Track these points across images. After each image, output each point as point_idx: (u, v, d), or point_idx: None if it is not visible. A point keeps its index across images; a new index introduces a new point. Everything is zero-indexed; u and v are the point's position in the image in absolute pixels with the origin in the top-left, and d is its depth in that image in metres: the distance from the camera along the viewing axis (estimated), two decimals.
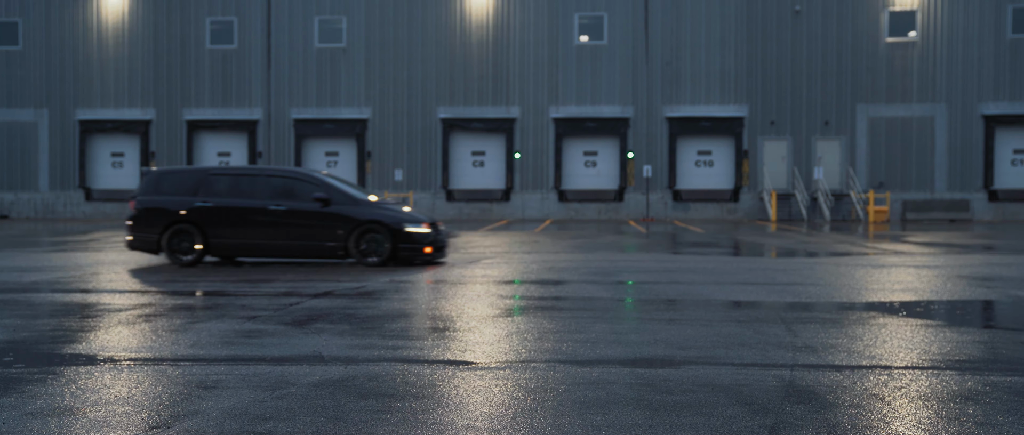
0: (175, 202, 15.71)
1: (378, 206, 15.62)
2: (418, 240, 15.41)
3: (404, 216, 15.53)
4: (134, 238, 15.80)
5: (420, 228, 15.50)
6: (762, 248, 20.52)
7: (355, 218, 15.36)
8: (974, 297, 11.00)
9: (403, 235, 15.34)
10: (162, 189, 15.89)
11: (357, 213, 15.40)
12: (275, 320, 9.03)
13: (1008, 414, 5.29)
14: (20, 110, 41.00)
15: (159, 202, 15.76)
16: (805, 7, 38.53)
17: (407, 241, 15.35)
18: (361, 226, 15.33)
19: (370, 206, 15.57)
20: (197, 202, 15.67)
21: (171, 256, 15.58)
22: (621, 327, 8.59)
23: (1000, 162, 38.46)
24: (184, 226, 15.58)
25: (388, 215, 15.44)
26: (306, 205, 15.49)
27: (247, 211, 15.56)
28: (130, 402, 5.59)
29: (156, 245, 15.66)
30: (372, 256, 15.30)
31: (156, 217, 15.67)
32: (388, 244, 15.26)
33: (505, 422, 5.10)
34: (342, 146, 40.17)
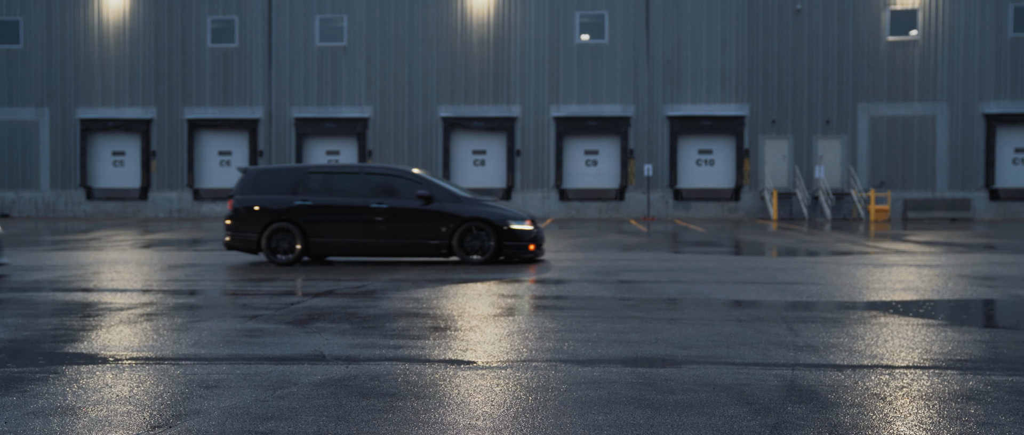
0: (274, 201, 15.49)
1: (480, 203, 15.52)
2: (522, 237, 15.33)
3: (508, 213, 15.43)
4: (232, 238, 15.61)
5: (523, 225, 15.41)
6: (763, 247, 20.52)
7: (459, 215, 15.24)
8: (975, 296, 10.99)
9: (508, 232, 15.26)
10: (260, 188, 15.66)
11: (461, 210, 15.28)
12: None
13: (1010, 414, 5.28)
14: (21, 109, 41.01)
15: (258, 201, 15.53)
16: (806, 6, 38.51)
17: (512, 238, 15.26)
18: (465, 223, 15.20)
19: (472, 203, 15.46)
20: (296, 201, 15.46)
21: (270, 256, 15.41)
22: (622, 326, 8.59)
23: (1001, 161, 38.45)
24: (284, 225, 15.35)
25: (492, 212, 15.32)
26: (409, 203, 15.33)
27: (348, 209, 15.36)
28: (132, 401, 5.59)
29: (255, 245, 15.46)
30: (476, 254, 15.20)
31: (255, 216, 15.48)
32: (492, 242, 15.18)
33: (507, 422, 5.10)
34: (343, 145, 40.16)
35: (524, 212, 15.93)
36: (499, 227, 15.24)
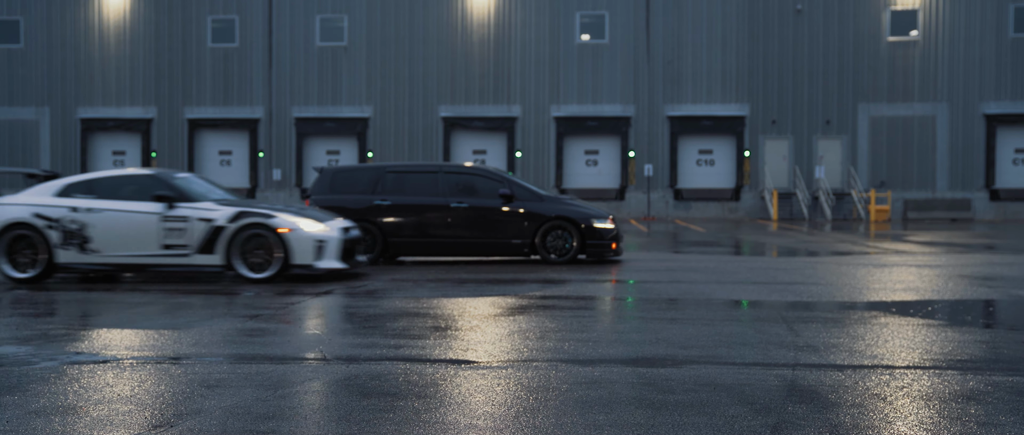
0: (352, 201, 15.40)
1: (561, 201, 15.44)
2: (605, 236, 15.24)
3: (591, 212, 15.36)
4: None
5: (606, 224, 15.32)
6: (763, 247, 20.53)
7: (542, 214, 15.15)
8: (976, 297, 11.00)
9: (591, 231, 15.17)
10: (337, 187, 15.57)
11: (543, 209, 15.20)
12: None
13: (1010, 414, 5.29)
14: (22, 108, 41.03)
15: (336, 201, 15.44)
16: (806, 6, 38.52)
17: (595, 237, 15.17)
18: (548, 222, 15.12)
19: (554, 202, 15.38)
20: (375, 200, 15.38)
21: None
22: (623, 326, 8.60)
23: (1002, 161, 38.46)
24: (364, 225, 15.21)
25: (575, 211, 15.24)
26: (489, 202, 15.23)
27: (428, 208, 15.26)
28: (132, 401, 5.60)
29: None
30: (556, 253, 15.13)
31: None
32: (575, 241, 15.10)
33: (507, 421, 5.11)
34: (343, 145, 40.17)
35: (604, 210, 15.87)
36: (582, 226, 15.14)
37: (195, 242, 12.49)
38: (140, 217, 12.64)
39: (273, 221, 12.45)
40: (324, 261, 12.62)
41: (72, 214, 12.67)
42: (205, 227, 12.48)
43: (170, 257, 12.57)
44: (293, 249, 12.39)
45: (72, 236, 12.64)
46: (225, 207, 12.65)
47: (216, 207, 12.66)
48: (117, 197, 12.84)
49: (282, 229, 12.41)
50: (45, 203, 12.79)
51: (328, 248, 12.65)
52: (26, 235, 12.70)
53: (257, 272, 12.41)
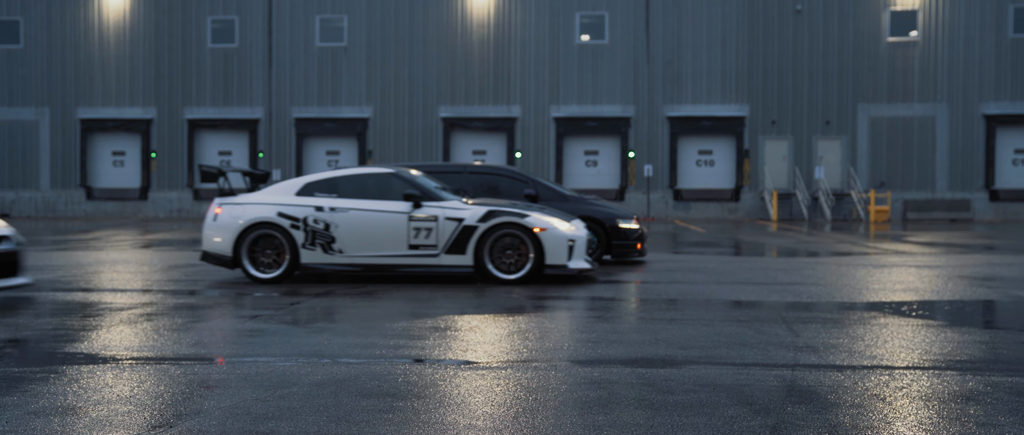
0: None
1: (586, 202, 15.40)
2: (630, 236, 15.24)
3: (616, 212, 15.35)
4: None
5: (631, 224, 15.31)
6: (763, 248, 20.52)
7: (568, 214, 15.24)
8: (975, 297, 11.00)
9: (617, 231, 15.16)
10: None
11: (568, 209, 15.18)
12: None
13: (1009, 414, 5.29)
14: (21, 109, 41.03)
15: None
16: (806, 7, 38.53)
17: (620, 237, 15.17)
18: None
19: (579, 202, 15.36)
20: None
21: None
22: (622, 326, 8.59)
23: (1001, 162, 38.46)
24: None
25: (600, 211, 15.23)
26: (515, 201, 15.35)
27: None
28: (132, 401, 5.60)
29: None
30: None
31: None
32: (601, 241, 15.10)
33: (507, 422, 5.11)
34: (343, 145, 40.18)
35: (628, 210, 15.84)
36: (609, 226, 15.12)
37: (443, 242, 12.25)
38: (387, 216, 12.39)
39: (527, 221, 12.20)
40: (574, 261, 12.42)
41: (317, 213, 12.44)
42: (454, 227, 12.24)
43: (417, 258, 12.33)
44: (548, 249, 12.17)
45: (317, 236, 12.41)
46: (474, 206, 12.42)
47: (463, 205, 12.42)
48: (360, 196, 12.61)
49: (537, 229, 12.18)
50: (288, 202, 12.56)
51: (577, 248, 12.47)
52: (270, 235, 12.50)
53: (508, 273, 12.22)
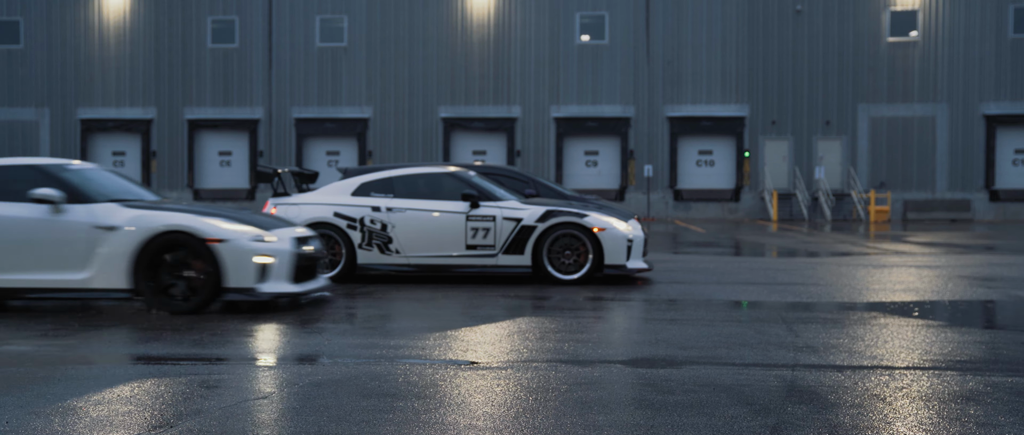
0: None
1: (587, 202, 15.43)
2: None
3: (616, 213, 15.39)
4: None
5: None
6: (763, 248, 20.53)
7: None
8: (975, 297, 11.00)
9: None
10: None
11: None
12: None
13: (1009, 414, 5.29)
14: (21, 109, 41.04)
15: None
16: (806, 7, 38.53)
17: None
18: None
19: (579, 203, 15.42)
20: None
21: None
22: (622, 326, 8.60)
23: (1001, 162, 38.46)
24: None
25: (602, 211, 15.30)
26: None
27: None
28: (132, 401, 5.60)
29: None
30: None
31: None
32: None
33: (507, 422, 5.11)
34: (343, 145, 40.18)
35: (629, 211, 15.90)
36: None
37: (501, 242, 12.20)
38: (445, 217, 12.32)
39: (586, 220, 12.14)
40: (632, 261, 12.36)
41: (374, 213, 12.39)
42: (512, 227, 12.19)
43: (475, 258, 12.28)
44: (607, 249, 12.10)
45: (374, 236, 12.35)
46: (532, 206, 12.36)
47: (522, 205, 12.37)
48: (416, 196, 12.55)
49: (597, 228, 12.11)
50: (344, 202, 12.50)
51: (635, 247, 12.41)
52: (326, 235, 12.43)
53: (566, 273, 12.16)
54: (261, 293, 9.17)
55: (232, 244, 9.12)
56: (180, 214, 9.29)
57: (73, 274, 9.22)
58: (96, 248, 9.16)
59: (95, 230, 9.19)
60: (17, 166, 9.71)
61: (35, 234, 9.29)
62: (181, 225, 9.14)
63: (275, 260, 9.29)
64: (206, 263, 9.08)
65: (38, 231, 9.28)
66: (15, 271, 9.30)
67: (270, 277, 9.27)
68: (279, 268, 9.34)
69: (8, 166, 9.74)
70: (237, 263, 9.11)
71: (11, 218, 9.34)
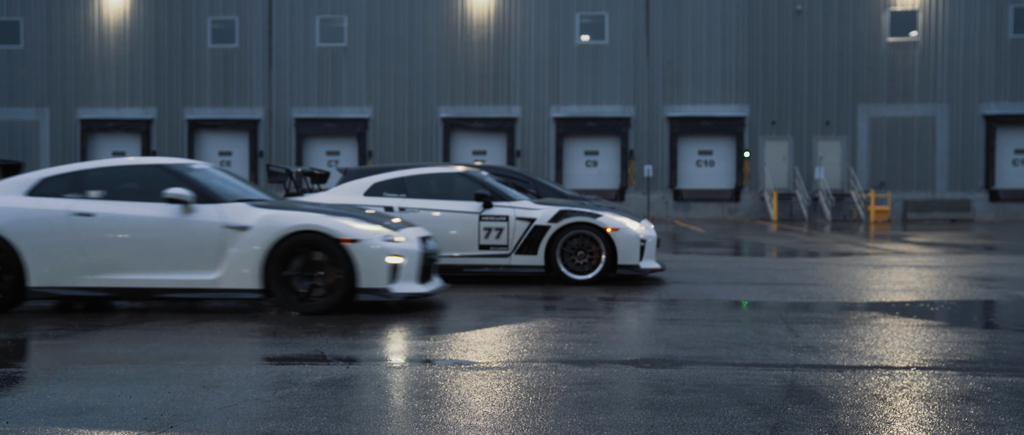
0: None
1: (586, 202, 15.46)
2: None
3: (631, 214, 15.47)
4: None
5: None
6: (763, 248, 20.53)
7: None
8: (975, 297, 11.01)
9: None
10: None
11: None
12: None
13: (1009, 414, 5.30)
14: (21, 109, 41.04)
15: None
16: (806, 7, 38.53)
17: None
18: None
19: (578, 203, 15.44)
20: None
21: None
22: (622, 327, 8.60)
23: (1001, 162, 38.47)
24: None
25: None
26: None
27: None
28: (133, 401, 5.60)
29: None
30: None
31: None
32: None
33: (507, 422, 5.11)
34: (343, 145, 40.19)
35: (629, 211, 15.91)
36: None
37: (514, 242, 12.20)
38: (458, 217, 12.29)
39: (600, 220, 12.13)
40: (645, 261, 12.36)
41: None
42: (525, 227, 12.18)
43: (488, 258, 12.27)
44: (620, 249, 12.10)
45: None
46: (545, 206, 12.36)
47: (535, 205, 12.36)
48: (428, 196, 12.53)
49: (610, 228, 12.10)
50: (357, 202, 12.44)
51: (648, 248, 12.39)
52: None
53: (579, 273, 12.15)
54: (393, 294, 9.14)
55: (365, 244, 9.07)
56: (311, 214, 9.22)
57: (204, 274, 9.19)
58: (227, 248, 9.13)
59: (226, 230, 9.15)
60: (145, 166, 9.72)
61: (167, 234, 9.25)
62: (314, 225, 9.08)
63: (404, 260, 9.25)
64: (338, 263, 9.05)
65: (169, 231, 9.25)
66: (147, 271, 9.27)
67: (400, 278, 9.24)
68: (408, 268, 9.31)
69: (136, 166, 9.76)
70: (370, 263, 9.06)
71: (143, 218, 9.31)
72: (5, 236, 9.27)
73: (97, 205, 9.37)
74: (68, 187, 9.51)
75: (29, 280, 9.28)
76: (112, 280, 9.28)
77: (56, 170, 9.67)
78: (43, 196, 9.47)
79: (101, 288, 9.32)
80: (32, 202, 9.42)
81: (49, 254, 9.26)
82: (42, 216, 9.32)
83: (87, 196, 9.44)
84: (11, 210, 9.35)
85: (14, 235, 9.26)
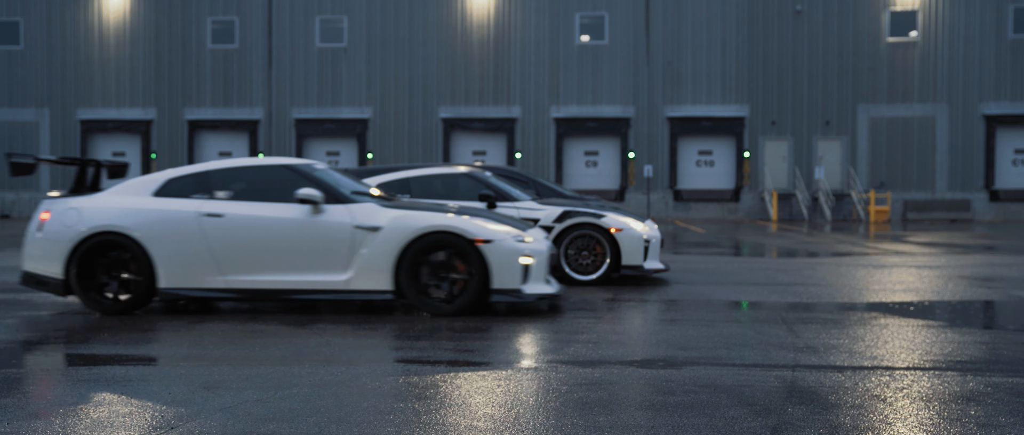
0: None
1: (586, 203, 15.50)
2: None
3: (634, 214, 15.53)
4: None
5: None
6: (763, 248, 20.53)
7: None
8: (975, 297, 11.00)
9: None
10: None
11: None
12: None
13: (1010, 415, 5.29)
14: (21, 109, 41.04)
15: None
16: (806, 7, 38.54)
17: None
18: None
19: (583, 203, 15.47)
20: None
21: None
22: (622, 327, 8.60)
23: (1001, 162, 38.47)
24: None
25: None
26: None
27: None
28: (133, 402, 5.60)
29: None
30: None
31: None
32: None
33: (508, 423, 5.11)
34: (343, 146, 40.19)
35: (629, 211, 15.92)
36: None
37: None
38: None
39: (604, 221, 12.13)
40: (649, 261, 12.35)
41: None
42: None
43: None
44: (624, 250, 12.08)
45: None
46: (549, 206, 12.33)
47: (539, 206, 12.34)
48: (432, 196, 12.49)
49: (614, 229, 12.08)
50: None
51: (652, 248, 12.36)
52: None
53: (583, 274, 12.13)
54: (526, 295, 9.08)
55: (499, 245, 9.01)
56: (441, 214, 9.14)
57: (335, 275, 9.12)
58: (358, 249, 9.07)
59: (357, 231, 9.09)
60: (271, 166, 9.62)
61: (298, 235, 9.17)
62: (448, 226, 9.01)
63: (534, 261, 9.21)
64: (472, 264, 8.98)
65: (300, 232, 9.17)
66: (278, 272, 9.19)
67: (530, 278, 9.19)
68: (538, 269, 9.27)
69: (263, 166, 9.66)
70: (504, 264, 9.00)
71: (274, 219, 9.23)
72: (136, 238, 9.20)
73: (226, 206, 9.29)
74: (195, 187, 9.43)
75: (159, 281, 9.22)
76: (242, 281, 9.19)
77: (182, 170, 9.57)
78: (170, 197, 9.40)
79: (231, 289, 9.22)
80: (160, 203, 9.35)
81: (179, 255, 9.19)
82: (171, 217, 9.25)
83: (215, 196, 9.36)
84: (141, 211, 9.29)
85: (145, 237, 9.20)
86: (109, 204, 9.41)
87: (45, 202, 9.62)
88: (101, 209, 9.37)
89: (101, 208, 9.38)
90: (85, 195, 9.58)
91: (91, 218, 9.31)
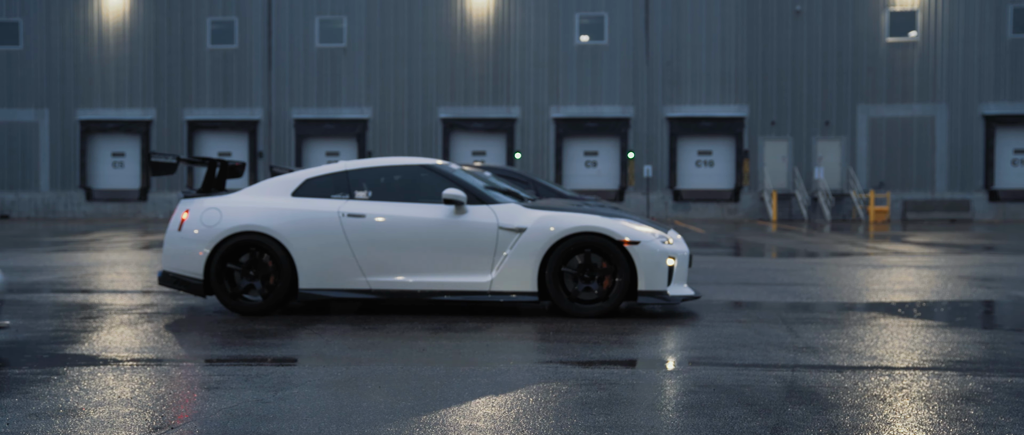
0: None
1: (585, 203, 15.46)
2: None
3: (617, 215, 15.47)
4: None
5: None
6: (763, 248, 20.53)
7: None
8: (975, 297, 11.01)
9: None
10: None
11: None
12: None
13: (1009, 415, 5.30)
14: (21, 110, 41.03)
15: None
16: (806, 7, 38.55)
17: None
18: None
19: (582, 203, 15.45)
20: None
21: None
22: (622, 327, 8.60)
23: (1001, 162, 38.48)
24: None
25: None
26: None
27: None
28: (133, 403, 5.60)
29: None
30: None
31: None
32: None
33: (507, 423, 5.11)
34: (343, 146, 40.19)
35: (629, 212, 15.90)
36: None
37: None
38: None
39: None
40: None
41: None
42: None
43: None
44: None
45: None
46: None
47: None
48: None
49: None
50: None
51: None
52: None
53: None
54: (671, 297, 9.03)
55: (645, 246, 8.99)
56: (586, 215, 9.10)
57: (479, 276, 9.06)
58: (502, 250, 9.02)
59: (502, 231, 9.04)
60: (410, 166, 9.55)
61: (441, 236, 9.09)
62: (595, 227, 8.96)
63: (676, 262, 9.17)
64: (618, 265, 8.96)
65: (444, 233, 9.09)
66: (421, 273, 9.11)
67: (673, 280, 9.15)
68: (680, 270, 9.21)
69: (401, 166, 9.58)
70: (651, 265, 8.97)
71: (417, 219, 9.16)
72: (279, 238, 9.11)
73: (367, 206, 9.21)
74: (334, 187, 9.37)
75: (300, 282, 9.14)
76: (384, 283, 9.09)
77: (320, 170, 9.49)
78: (309, 196, 9.34)
79: (373, 290, 9.13)
80: (300, 203, 9.26)
81: (320, 256, 9.10)
82: (313, 217, 9.16)
83: (355, 196, 9.30)
84: (282, 211, 9.19)
85: (286, 237, 9.11)
86: (249, 204, 9.30)
87: (184, 202, 9.48)
88: (242, 209, 9.26)
89: (242, 208, 9.27)
90: (222, 194, 9.45)
91: (232, 218, 9.20)
